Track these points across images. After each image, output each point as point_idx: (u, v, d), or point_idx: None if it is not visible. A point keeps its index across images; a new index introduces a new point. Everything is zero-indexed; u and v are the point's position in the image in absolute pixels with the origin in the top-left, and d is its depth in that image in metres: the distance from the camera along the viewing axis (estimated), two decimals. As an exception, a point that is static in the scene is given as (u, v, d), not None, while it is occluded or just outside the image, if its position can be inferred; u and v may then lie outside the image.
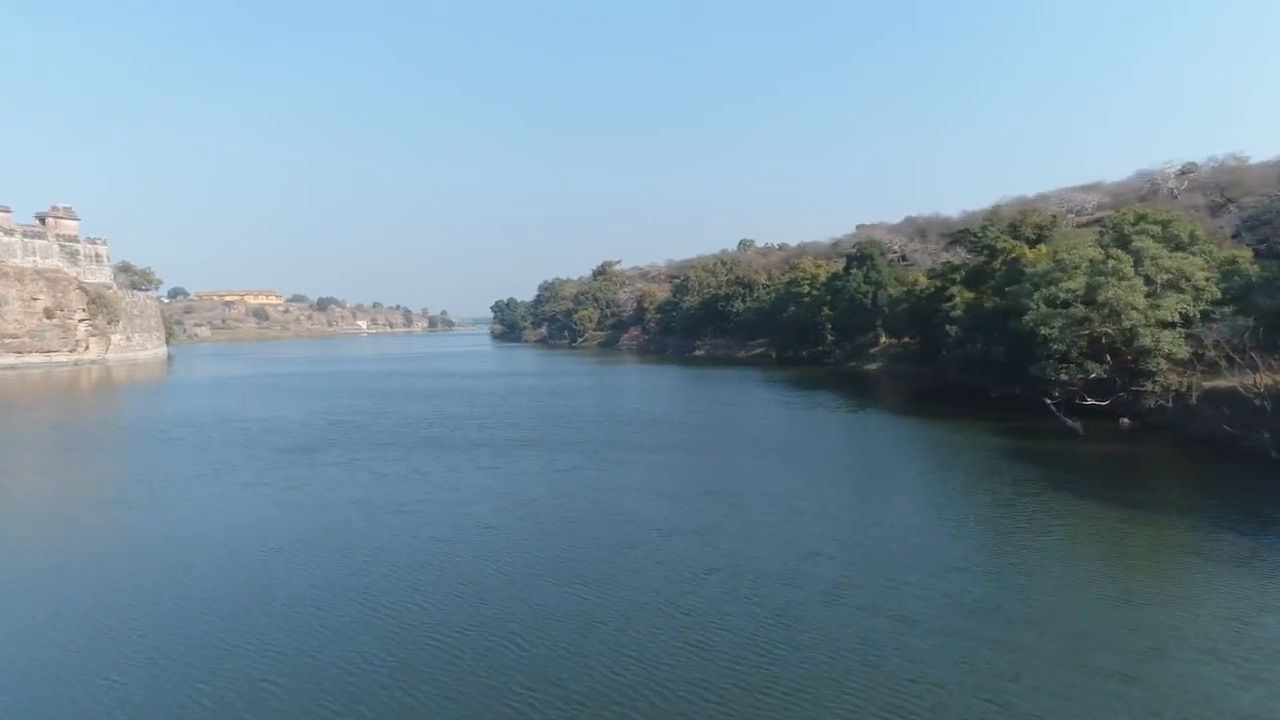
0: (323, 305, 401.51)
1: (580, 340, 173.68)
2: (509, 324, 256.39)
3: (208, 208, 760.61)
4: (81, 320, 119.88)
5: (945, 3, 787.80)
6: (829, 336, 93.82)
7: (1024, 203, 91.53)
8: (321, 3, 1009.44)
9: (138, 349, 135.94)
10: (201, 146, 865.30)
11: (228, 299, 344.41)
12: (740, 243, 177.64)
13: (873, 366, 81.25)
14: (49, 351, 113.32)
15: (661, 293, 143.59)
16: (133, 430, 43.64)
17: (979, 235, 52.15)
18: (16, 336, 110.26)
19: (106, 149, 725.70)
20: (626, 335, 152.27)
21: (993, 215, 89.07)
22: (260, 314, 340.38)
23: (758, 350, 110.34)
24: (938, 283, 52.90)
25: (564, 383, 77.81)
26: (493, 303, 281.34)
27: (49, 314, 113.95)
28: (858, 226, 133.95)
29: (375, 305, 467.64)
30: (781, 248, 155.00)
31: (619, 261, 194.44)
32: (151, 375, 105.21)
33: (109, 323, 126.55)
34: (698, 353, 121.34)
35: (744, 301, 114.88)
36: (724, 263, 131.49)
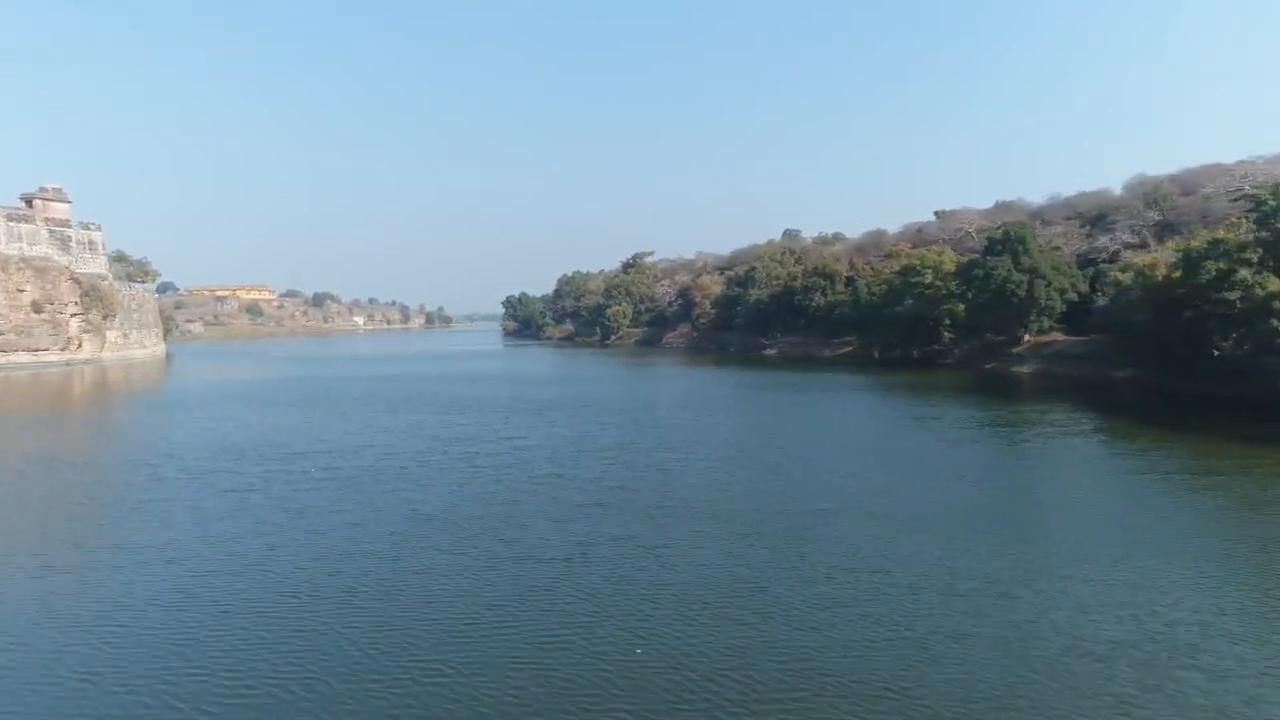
0: (318, 301, 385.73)
1: (614, 338, 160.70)
2: (523, 320, 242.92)
3: (196, 201, 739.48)
4: (74, 315, 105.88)
5: (945, 2, 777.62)
6: (946, 334, 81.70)
7: (1185, 178, 79.63)
8: (322, 2, 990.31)
9: (135, 347, 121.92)
10: (194, 141, 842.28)
11: (219, 294, 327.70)
12: (785, 232, 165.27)
13: (1025, 368, 68.96)
14: (37, 350, 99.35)
15: (714, 285, 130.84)
16: (178, 474, 30.06)
17: (1274, 202, 39.88)
18: (1, 333, 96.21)
19: (90, 138, 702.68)
20: (673, 332, 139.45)
21: (1154, 192, 77.18)
22: (254, 310, 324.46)
23: (845, 349, 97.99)
24: (1220, 264, 40.58)
25: (664, 389, 65.12)
26: (503, 298, 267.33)
27: (37, 308, 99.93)
28: (936, 213, 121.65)
29: (371, 301, 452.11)
30: (836, 237, 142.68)
31: (651, 252, 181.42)
32: (155, 378, 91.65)
33: (104, 318, 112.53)
34: (768, 352, 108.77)
35: (825, 294, 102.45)
36: (792, 251, 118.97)
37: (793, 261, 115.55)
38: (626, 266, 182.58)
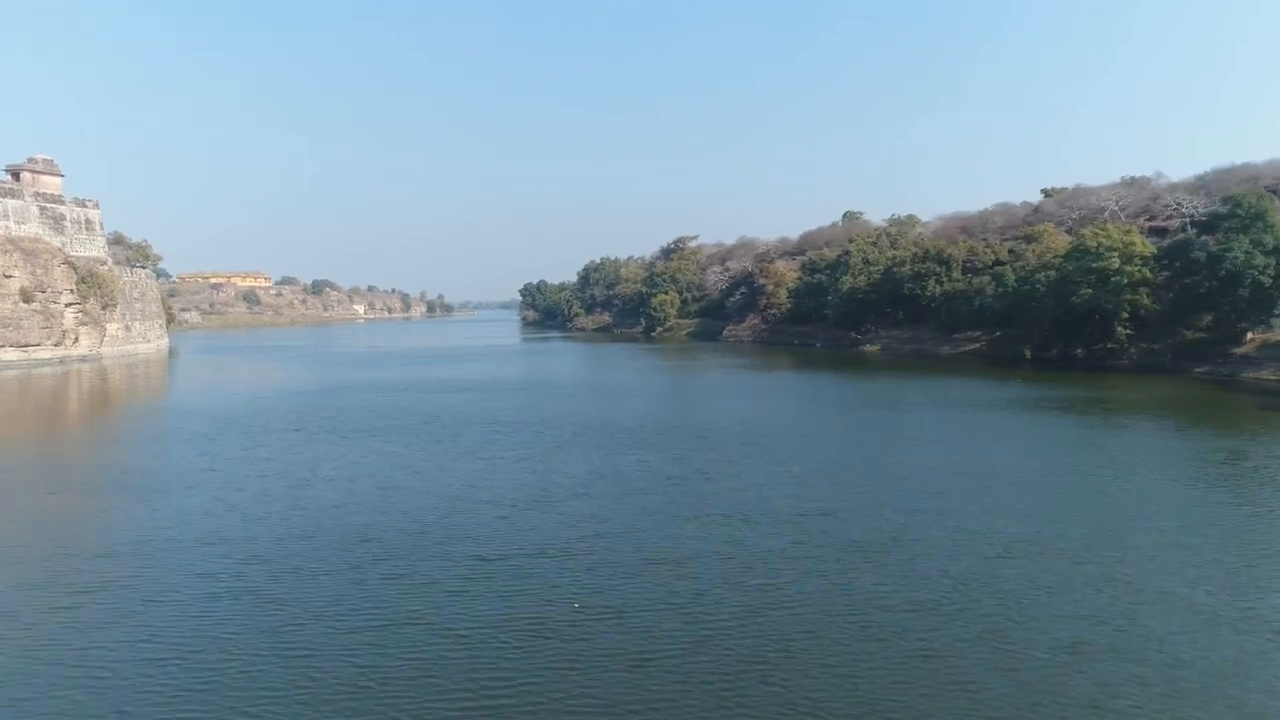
0: (317, 288, 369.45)
1: (661, 330, 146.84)
2: (545, 309, 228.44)
3: (181, 182, 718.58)
4: (69, 304, 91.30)
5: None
6: (1122, 330, 68.32)
7: None
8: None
9: (138, 340, 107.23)
10: (181, 123, 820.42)
11: (214, 281, 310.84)
12: (845, 214, 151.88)
13: (1265, 375, 55.72)
14: (27, 346, 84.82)
15: (789, 272, 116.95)
16: (326, 637, 16.62)
17: None
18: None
19: (68, 117, 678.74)
20: (736, 325, 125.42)
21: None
22: (250, 297, 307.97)
23: (970, 346, 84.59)
24: None
25: (840, 402, 51.40)
26: (500, 286, 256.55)
27: (27, 296, 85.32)
28: (1045, 191, 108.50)
29: (370, 288, 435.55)
30: (911, 219, 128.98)
31: (695, 236, 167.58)
32: (168, 383, 77.63)
33: (103, 308, 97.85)
34: (867, 348, 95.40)
35: (940, 282, 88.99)
36: (888, 234, 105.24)
37: (888, 244, 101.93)
38: (668, 252, 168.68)
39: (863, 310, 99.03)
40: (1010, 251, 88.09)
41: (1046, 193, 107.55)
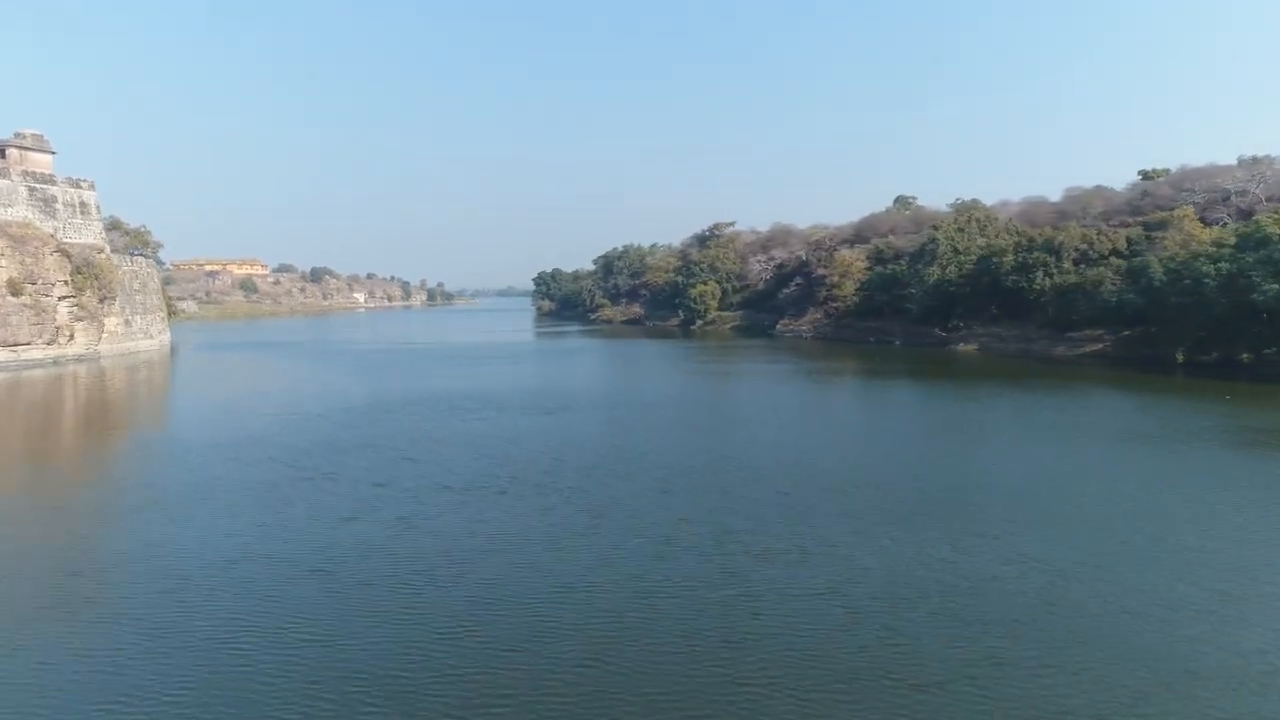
0: (315, 276, 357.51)
1: (701, 323, 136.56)
2: (561, 299, 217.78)
3: (169, 164, 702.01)
4: (63, 298, 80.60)
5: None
6: (1304, 331, 58.38)
7: None
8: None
9: (139, 336, 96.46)
10: (184, 115, 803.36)
11: (209, 269, 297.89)
12: (897, 199, 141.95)
13: None
14: (17, 345, 74.28)
15: (858, 261, 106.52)
16: None
17: None
18: (-34, 325, 71.17)
19: (55, 106, 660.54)
20: (795, 319, 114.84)
21: None
22: (248, 286, 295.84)
23: (1091, 346, 74.59)
24: None
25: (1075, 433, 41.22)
26: (499, 274, 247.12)
27: (15, 289, 74.56)
28: (1143, 173, 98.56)
29: (370, 276, 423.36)
30: (974, 203, 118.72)
31: (733, 223, 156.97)
32: (180, 390, 67.46)
33: (101, 301, 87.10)
34: (961, 347, 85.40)
35: (1049, 274, 78.95)
36: (975, 219, 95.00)
37: (977, 231, 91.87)
38: (703, 239, 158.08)
39: (951, 304, 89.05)
40: (1128, 240, 78.44)
41: (1145, 174, 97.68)
